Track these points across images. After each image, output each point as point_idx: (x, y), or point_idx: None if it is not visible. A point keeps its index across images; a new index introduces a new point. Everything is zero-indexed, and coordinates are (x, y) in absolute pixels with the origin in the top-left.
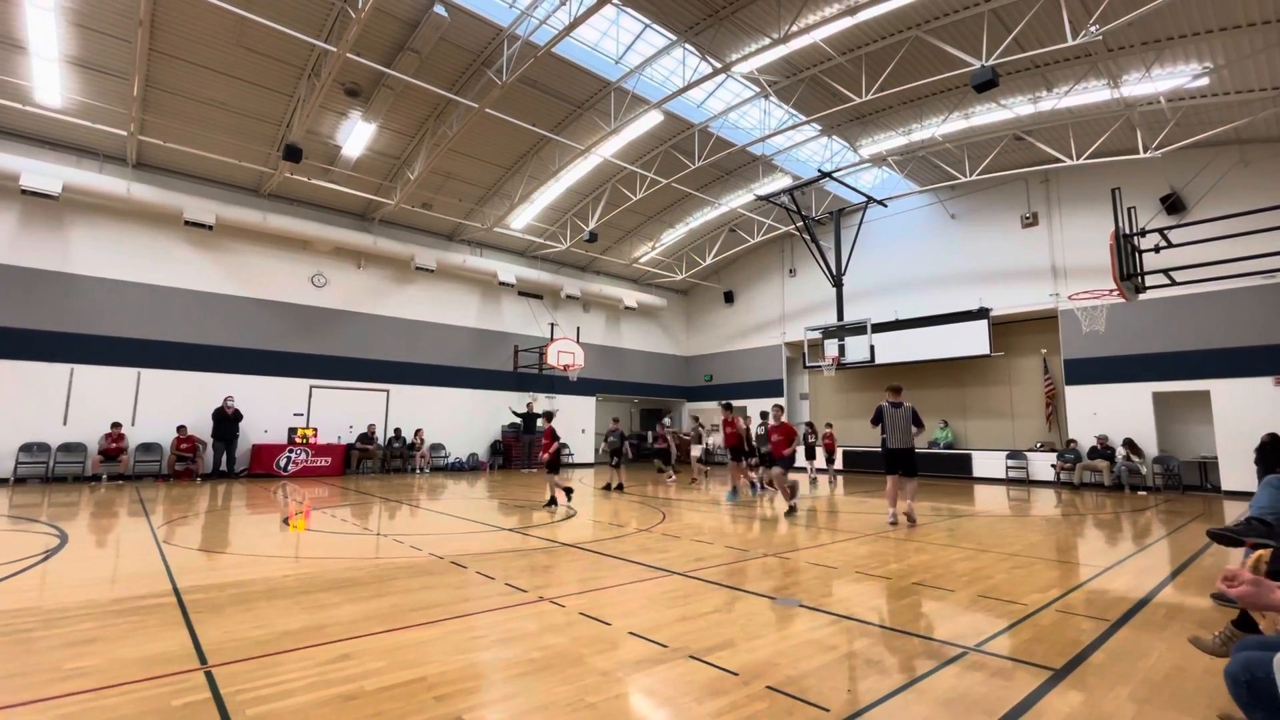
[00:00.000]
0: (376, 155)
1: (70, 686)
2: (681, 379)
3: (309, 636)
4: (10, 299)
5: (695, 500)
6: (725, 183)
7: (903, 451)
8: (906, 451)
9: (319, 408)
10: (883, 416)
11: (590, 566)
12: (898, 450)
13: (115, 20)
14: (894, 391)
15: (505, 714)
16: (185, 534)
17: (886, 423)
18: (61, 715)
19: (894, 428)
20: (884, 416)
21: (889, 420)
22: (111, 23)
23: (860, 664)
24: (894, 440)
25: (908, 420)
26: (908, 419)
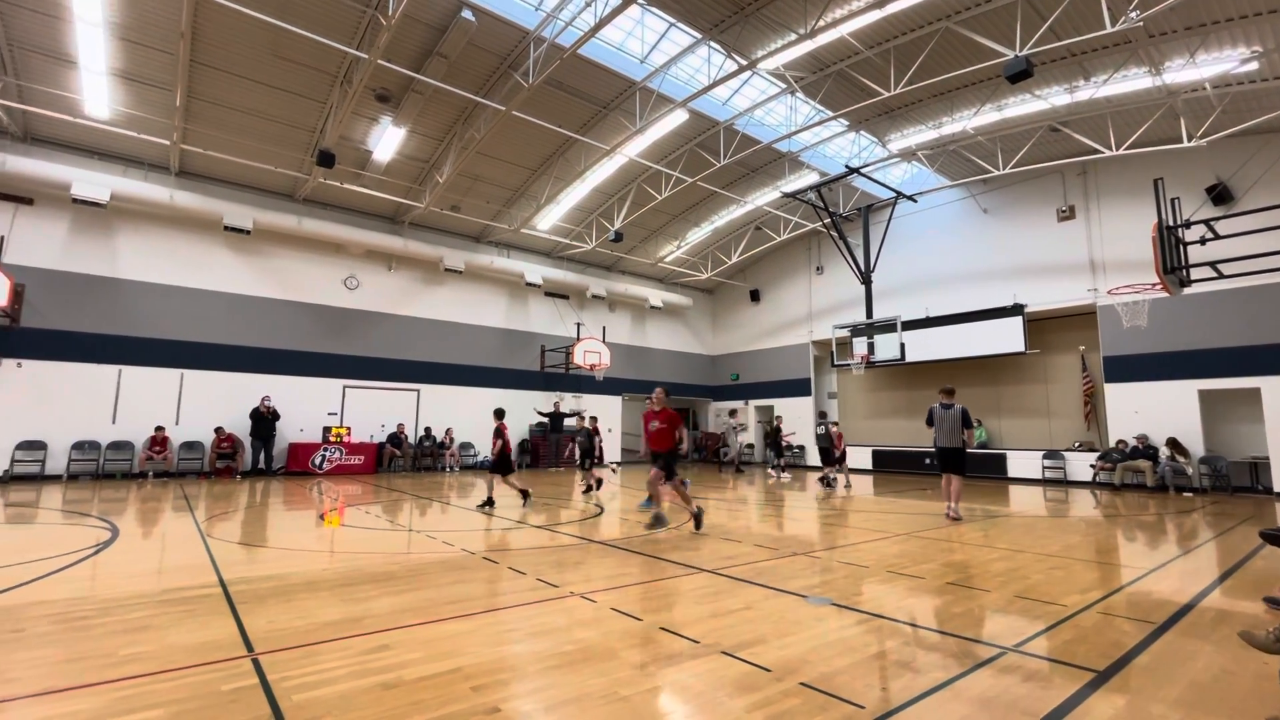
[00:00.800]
0: (406, 159)
1: (125, 671)
2: (707, 378)
3: (348, 627)
4: (63, 303)
5: (722, 499)
6: (751, 180)
7: (949, 451)
8: (953, 451)
9: (352, 407)
10: (933, 418)
11: (620, 563)
12: (944, 449)
13: (159, 33)
14: (946, 393)
15: (540, 705)
16: (227, 529)
17: (936, 424)
18: (118, 699)
19: (942, 428)
20: (934, 418)
21: (939, 421)
22: (155, 36)
23: (894, 662)
24: (941, 440)
25: (956, 421)
26: (956, 420)
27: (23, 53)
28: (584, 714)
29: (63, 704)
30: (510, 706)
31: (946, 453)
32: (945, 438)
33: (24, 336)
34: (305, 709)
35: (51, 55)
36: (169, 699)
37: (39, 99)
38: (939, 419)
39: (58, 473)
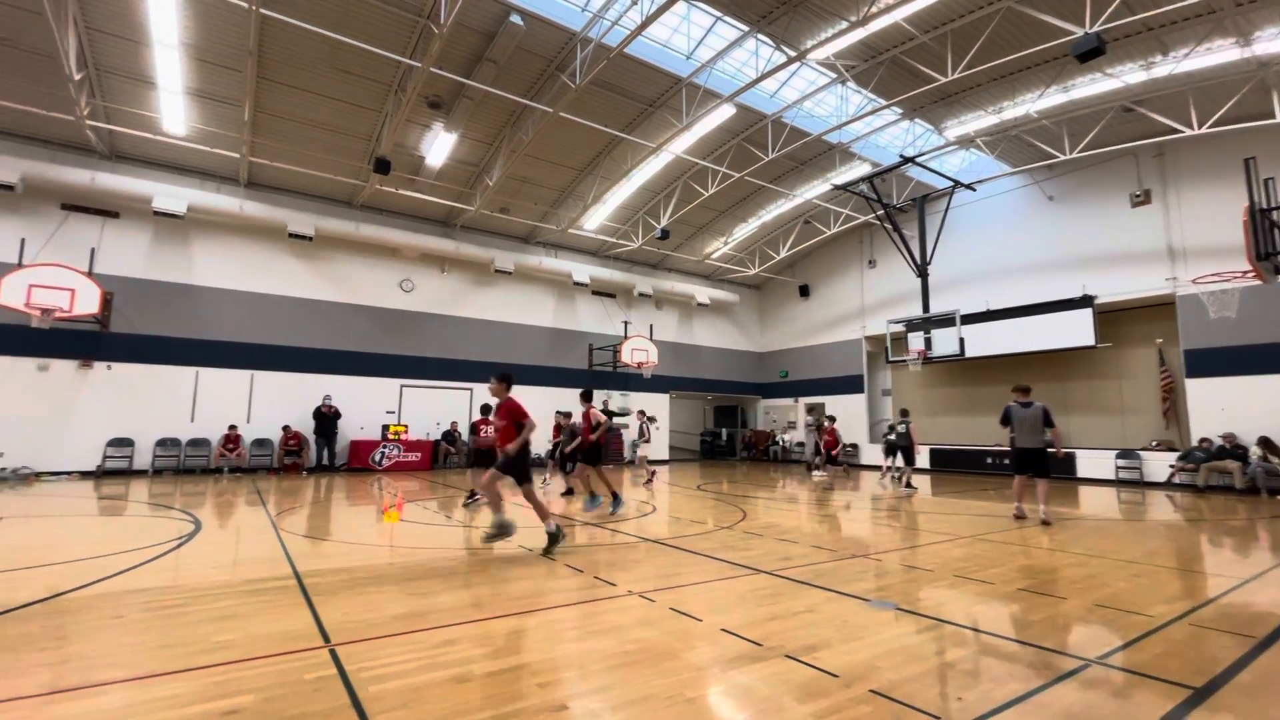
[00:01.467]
0: (457, 164)
1: (217, 657)
2: (756, 375)
3: (416, 621)
4: (147, 310)
5: (774, 499)
6: (800, 173)
7: (1033, 451)
8: (1037, 451)
9: (409, 406)
10: (1011, 417)
11: (675, 563)
12: (1028, 450)
13: (229, 52)
14: (1022, 391)
15: (606, 704)
16: (297, 522)
17: (1015, 423)
18: (212, 684)
19: (1023, 428)
20: (1012, 417)
21: (1017, 420)
22: (226, 55)
23: (967, 672)
24: (1024, 440)
25: (1038, 420)
26: (1038, 418)
27: (108, 76)
28: (650, 714)
29: (162, 687)
30: (578, 705)
31: (1029, 454)
32: (1026, 437)
33: (113, 341)
34: (381, 700)
35: (133, 77)
36: (257, 686)
37: (123, 119)
38: (1018, 418)
39: (143, 468)
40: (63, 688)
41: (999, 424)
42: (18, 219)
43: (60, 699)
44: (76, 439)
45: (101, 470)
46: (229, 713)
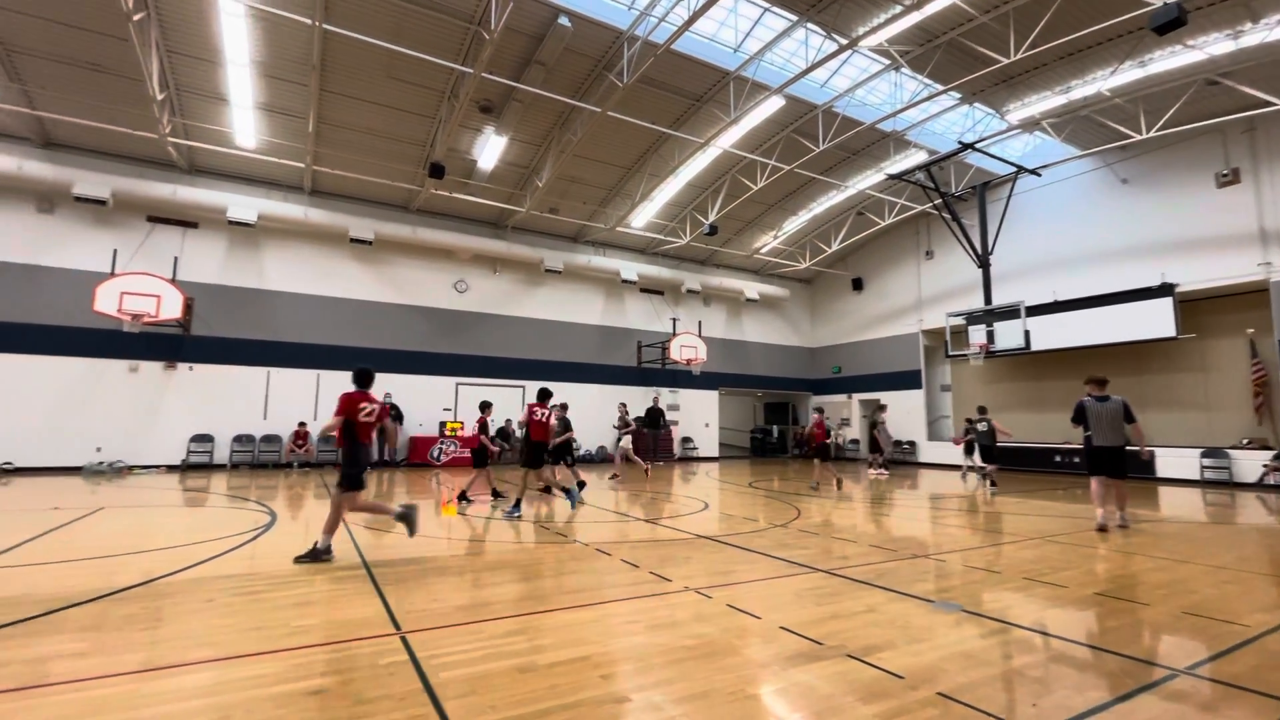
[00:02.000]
0: (508, 166)
1: (299, 640)
2: (807, 371)
3: (479, 612)
4: (223, 313)
5: (829, 497)
6: (852, 164)
7: (1112, 450)
8: (1116, 450)
9: (464, 403)
10: (1085, 413)
11: (730, 560)
12: (1106, 449)
13: (294, 67)
14: (1097, 384)
15: (669, 698)
16: (363, 515)
17: (1091, 419)
18: (295, 665)
19: (1100, 424)
20: (1087, 413)
21: (1094, 417)
22: (291, 70)
23: (1040, 678)
24: (1102, 438)
25: (1118, 415)
26: (1118, 414)
27: (187, 95)
28: (713, 709)
29: (251, 667)
30: (641, 697)
31: (1107, 453)
32: (1106, 435)
33: (194, 344)
34: (451, 687)
35: (209, 95)
36: (336, 669)
37: (200, 134)
38: (1094, 414)
39: (222, 462)
40: (162, 665)
41: (1071, 421)
42: (109, 231)
43: (160, 675)
44: (163, 435)
45: (185, 464)
46: (314, 692)
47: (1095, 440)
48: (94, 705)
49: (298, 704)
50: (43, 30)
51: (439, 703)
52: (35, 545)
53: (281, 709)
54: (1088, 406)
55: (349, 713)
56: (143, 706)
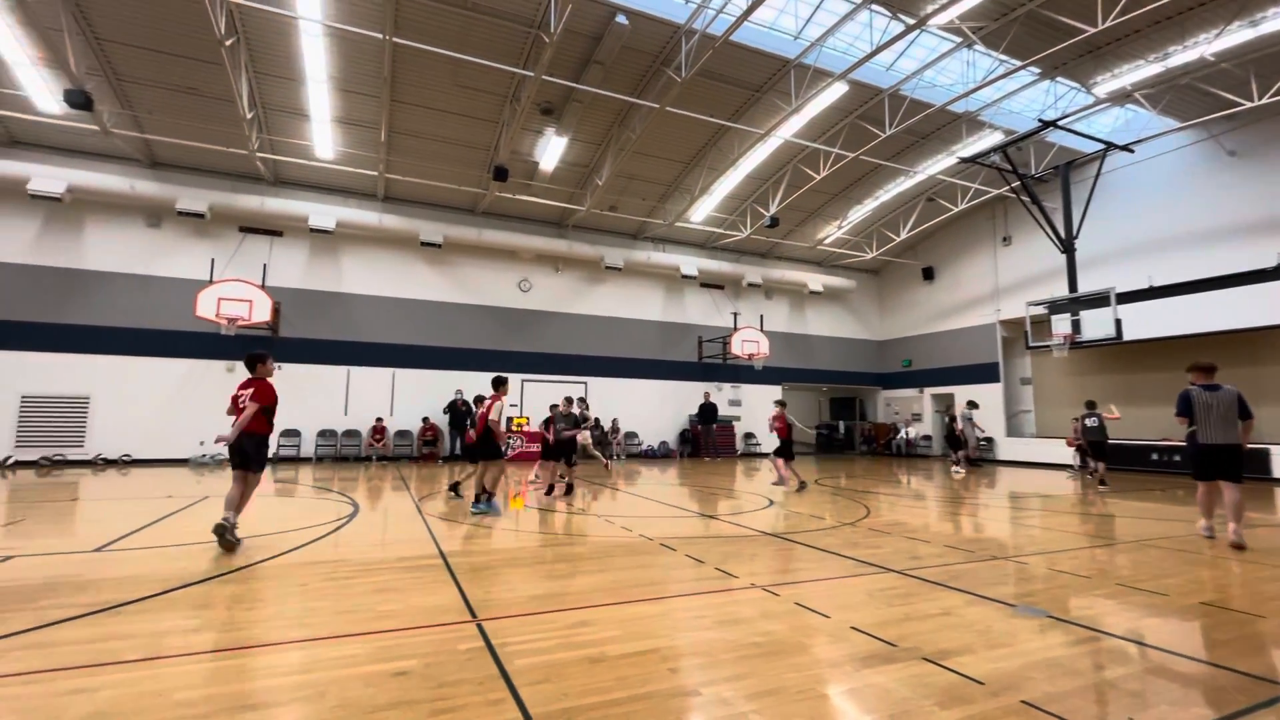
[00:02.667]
0: (568, 166)
1: (384, 625)
2: (875, 365)
3: (551, 602)
4: (307, 316)
5: (900, 495)
6: (921, 148)
7: (1225, 450)
8: (1230, 450)
9: (529, 399)
10: (1192, 405)
11: (798, 558)
12: (1218, 448)
13: (366, 80)
14: (1204, 372)
15: (739, 693)
16: (436, 506)
17: (1199, 413)
18: (382, 647)
19: (1209, 419)
20: (1193, 405)
21: (1202, 410)
22: (364, 83)
23: (1137, 692)
24: (1211, 434)
25: (1232, 408)
26: (1231, 406)
27: (272, 112)
28: (783, 707)
29: (342, 648)
30: (710, 692)
31: (1219, 452)
32: (1216, 430)
33: (282, 345)
34: (526, 674)
35: (291, 112)
36: (418, 652)
37: (284, 149)
38: (1203, 406)
39: (308, 455)
40: (264, 642)
41: (1176, 415)
42: (207, 242)
43: (263, 651)
44: None
45: (276, 457)
46: (399, 674)
47: (1202, 437)
48: (207, 676)
49: (385, 684)
50: (149, 60)
51: (515, 689)
52: (152, 530)
53: (370, 688)
54: (1195, 397)
55: (431, 694)
56: (248, 680)
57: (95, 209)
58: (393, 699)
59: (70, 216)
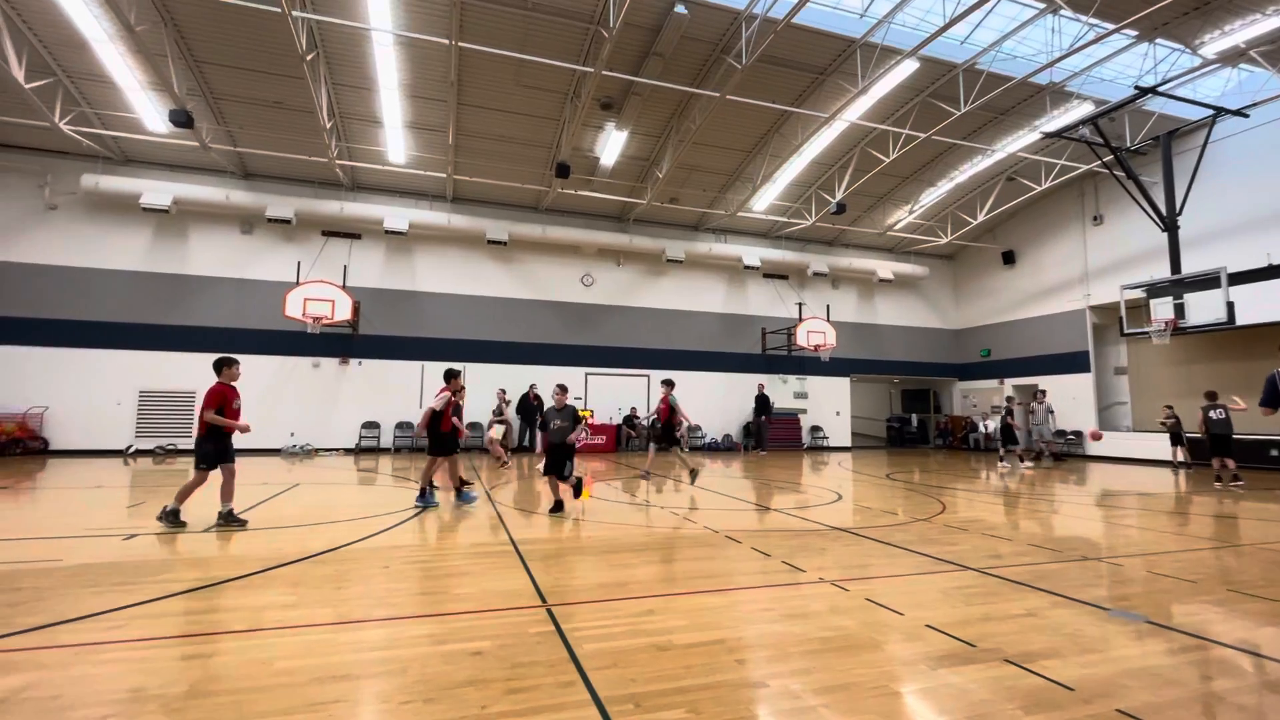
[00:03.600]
0: (628, 160)
1: (459, 606)
2: (950, 355)
3: (617, 590)
4: (383, 314)
5: (977, 491)
6: (1000, 125)
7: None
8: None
9: (594, 392)
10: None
11: (867, 553)
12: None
13: (434, 85)
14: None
15: (808, 686)
16: (506, 495)
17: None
18: (458, 628)
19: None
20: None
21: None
22: (432, 88)
23: (1254, 706)
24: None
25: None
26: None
27: (349, 121)
28: (855, 702)
29: (422, 626)
30: (778, 684)
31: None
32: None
33: (362, 342)
34: (596, 658)
35: (366, 119)
36: (492, 634)
37: (360, 155)
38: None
39: (387, 446)
40: (352, 619)
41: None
42: (294, 246)
43: (351, 627)
44: (340, 422)
45: (358, 448)
46: (474, 653)
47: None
48: (304, 647)
49: (462, 662)
50: (240, 78)
51: (584, 673)
52: (251, 514)
53: (448, 665)
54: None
55: (505, 674)
56: (339, 652)
57: (196, 219)
58: (469, 676)
59: (176, 226)
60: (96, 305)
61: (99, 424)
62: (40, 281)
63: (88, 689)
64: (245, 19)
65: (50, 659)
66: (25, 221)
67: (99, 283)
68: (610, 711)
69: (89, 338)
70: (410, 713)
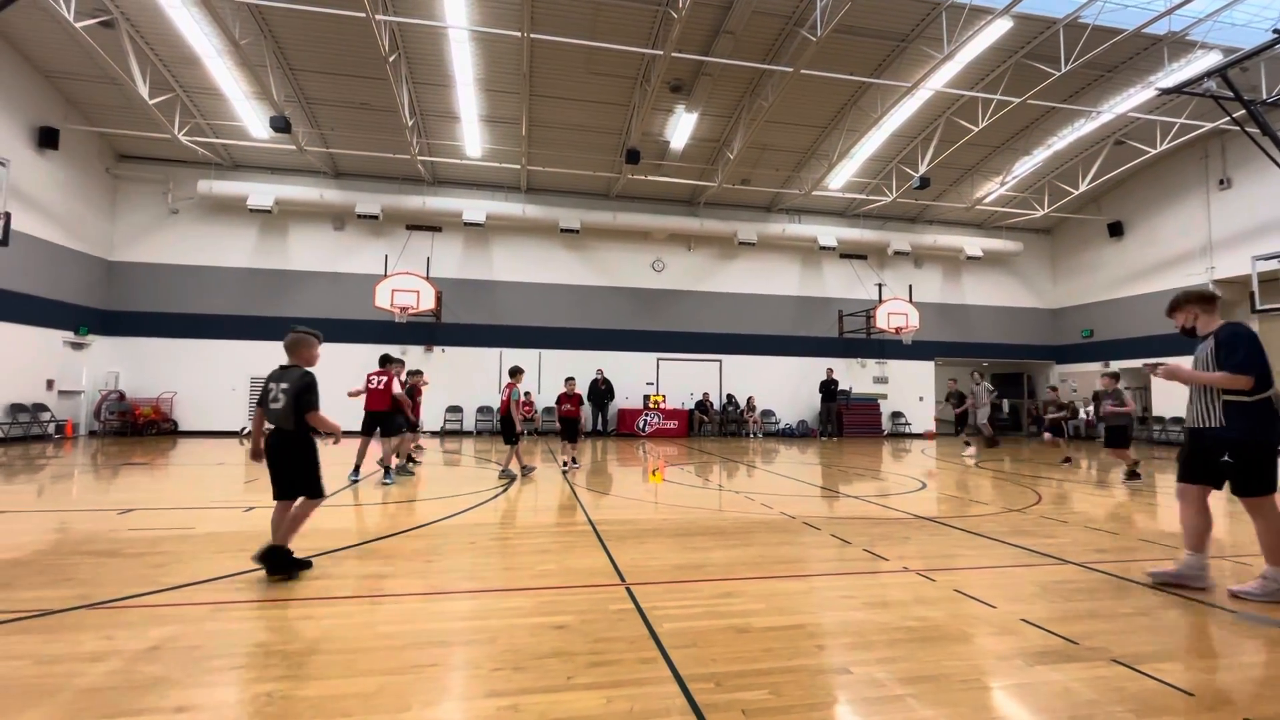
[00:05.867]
0: (699, 142)
1: (543, 582)
2: (1047, 336)
3: (694, 573)
4: (464, 303)
5: (1076, 480)
6: (1108, 83)
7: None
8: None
9: (665, 377)
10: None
11: (955, 543)
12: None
13: (507, 78)
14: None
15: (894, 675)
16: (581, 477)
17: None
18: (542, 602)
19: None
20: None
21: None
22: (505, 81)
23: None
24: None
25: None
26: None
27: (429, 118)
28: (945, 694)
29: (508, 600)
30: (861, 671)
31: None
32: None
33: (444, 330)
34: (675, 637)
35: (444, 115)
36: (575, 609)
37: (439, 150)
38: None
39: (469, 429)
40: (444, 590)
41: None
42: (381, 240)
43: (443, 598)
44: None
45: (443, 431)
46: (558, 626)
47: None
48: (401, 614)
49: (547, 635)
50: (330, 82)
51: (665, 650)
52: (348, 492)
53: (534, 638)
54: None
55: (588, 648)
56: (432, 620)
57: (295, 217)
58: (554, 648)
59: (277, 225)
60: (212, 299)
61: (217, 407)
62: (166, 279)
63: (222, 642)
64: (334, 26)
65: (190, 614)
66: (152, 225)
67: (214, 279)
68: (692, 689)
69: (207, 329)
70: (501, 679)
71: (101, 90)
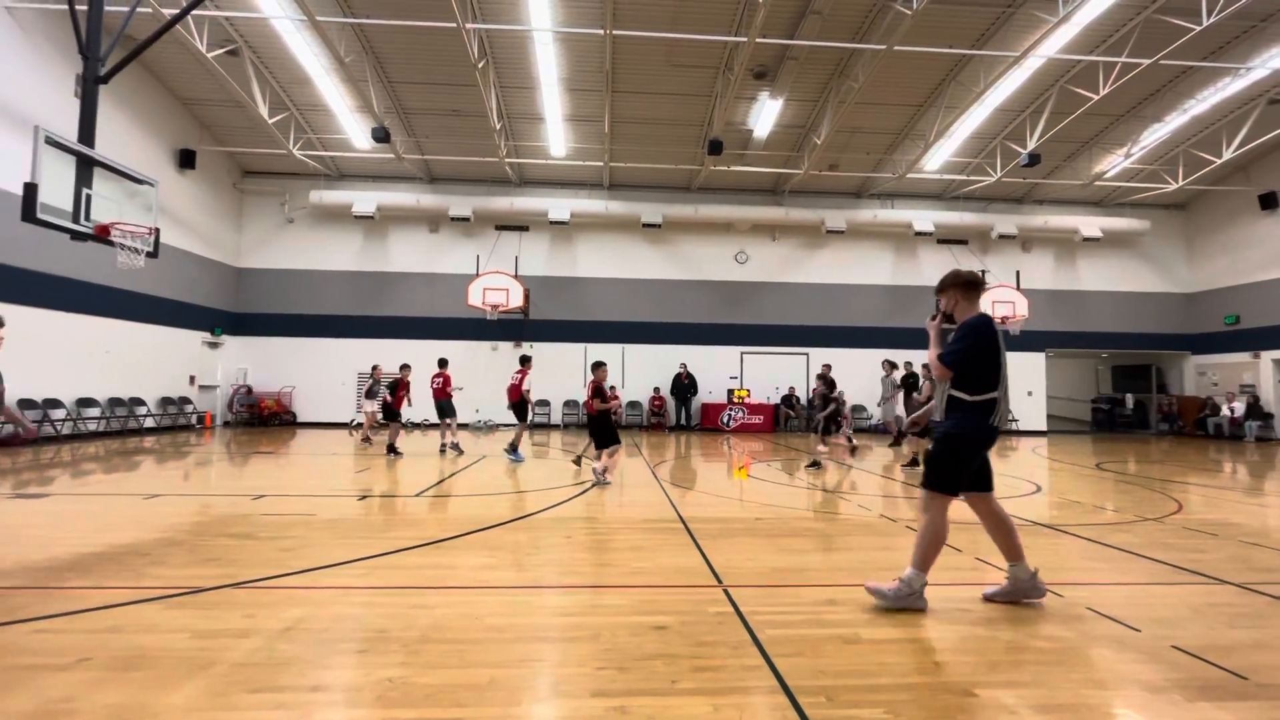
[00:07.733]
0: (784, 129)
1: (638, 580)
2: (1179, 324)
3: (794, 576)
4: (550, 300)
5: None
6: (1259, 36)
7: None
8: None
9: (749, 371)
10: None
11: (1082, 554)
12: None
13: (589, 77)
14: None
15: (1025, 702)
16: (667, 472)
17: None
18: (640, 601)
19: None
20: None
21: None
22: (587, 79)
23: None
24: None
25: None
26: None
27: (515, 120)
28: None
29: (607, 597)
30: (988, 694)
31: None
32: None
33: (531, 326)
34: (779, 644)
35: (529, 117)
36: (673, 610)
37: (525, 152)
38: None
39: (556, 423)
40: (546, 584)
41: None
42: (472, 241)
43: (546, 592)
44: None
45: (532, 424)
46: (658, 627)
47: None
48: (506, 606)
49: (648, 636)
50: (425, 92)
51: (769, 658)
52: (449, 482)
53: (636, 637)
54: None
55: (690, 651)
56: (536, 614)
57: (394, 222)
58: (657, 650)
59: (379, 230)
60: (323, 300)
61: (329, 401)
62: (284, 283)
63: (346, 625)
64: (428, 37)
65: (318, 597)
66: (271, 234)
67: (324, 282)
68: (802, 703)
69: (319, 328)
70: (607, 679)
71: (228, 113)
